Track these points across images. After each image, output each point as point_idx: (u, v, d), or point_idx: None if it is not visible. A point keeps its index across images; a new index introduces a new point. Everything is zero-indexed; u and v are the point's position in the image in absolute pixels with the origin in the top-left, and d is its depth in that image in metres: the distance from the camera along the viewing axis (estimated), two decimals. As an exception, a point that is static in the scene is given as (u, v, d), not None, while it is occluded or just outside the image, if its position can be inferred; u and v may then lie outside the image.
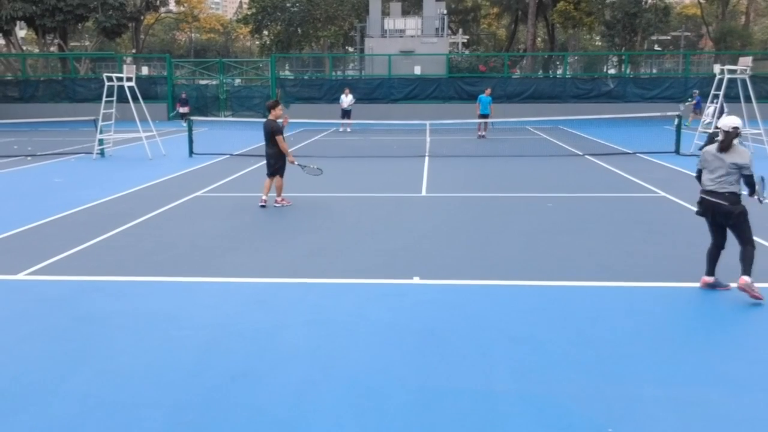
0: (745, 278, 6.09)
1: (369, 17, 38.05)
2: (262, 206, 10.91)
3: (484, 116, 23.79)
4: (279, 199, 11.09)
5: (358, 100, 29.43)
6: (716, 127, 17.01)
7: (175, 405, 4.38)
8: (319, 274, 7.30)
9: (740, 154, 6.17)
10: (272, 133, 10.71)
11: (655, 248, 8.23)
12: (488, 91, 24.38)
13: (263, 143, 11.09)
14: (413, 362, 5.00)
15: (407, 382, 4.67)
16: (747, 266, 6.14)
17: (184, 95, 31.87)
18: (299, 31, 45.84)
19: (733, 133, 6.14)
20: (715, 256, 6.51)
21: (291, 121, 12.49)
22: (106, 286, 6.93)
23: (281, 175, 10.96)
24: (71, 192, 12.66)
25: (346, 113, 26.86)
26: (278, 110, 10.88)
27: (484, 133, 23.92)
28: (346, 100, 27.05)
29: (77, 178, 14.62)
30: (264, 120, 11.03)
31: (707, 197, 6.35)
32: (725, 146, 6.21)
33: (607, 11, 39.40)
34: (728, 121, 6.23)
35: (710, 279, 6.55)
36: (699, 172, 6.55)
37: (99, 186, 13.34)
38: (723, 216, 6.27)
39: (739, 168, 6.15)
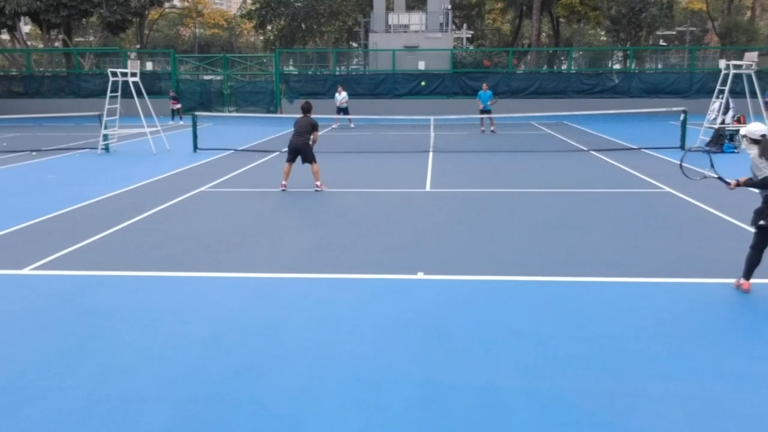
0: None
1: (373, 12, 37.95)
2: (284, 190, 12.07)
3: (487, 112, 23.71)
4: (319, 183, 12.12)
5: (362, 95, 29.37)
6: (722, 123, 16.88)
7: (179, 399, 4.39)
8: (323, 269, 7.31)
9: None
10: (314, 126, 12.14)
11: (659, 244, 8.21)
12: (485, 86, 24.29)
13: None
14: (417, 357, 5.01)
15: (411, 378, 4.68)
16: None
17: (172, 93, 30.70)
18: (303, 26, 45.73)
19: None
20: (758, 261, 6.36)
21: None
22: (111, 281, 6.95)
23: (316, 161, 12.15)
24: (76, 187, 12.69)
25: (341, 110, 26.18)
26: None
27: (493, 128, 23.84)
28: (339, 97, 26.24)
29: (82, 174, 14.64)
30: (300, 116, 12.30)
31: None
32: None
33: (613, 6, 39.18)
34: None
35: (749, 283, 6.42)
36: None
37: (103, 181, 13.37)
38: None
39: None
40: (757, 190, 6.46)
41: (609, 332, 5.47)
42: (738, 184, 6.35)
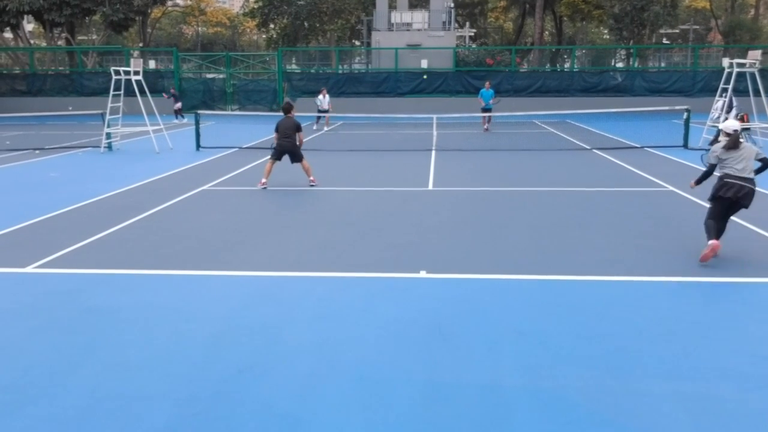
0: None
1: (376, 11, 37.95)
2: (264, 188, 12.17)
3: (488, 111, 23.69)
4: (313, 179, 12.34)
5: (365, 93, 29.36)
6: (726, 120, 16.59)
7: (182, 397, 4.40)
8: (326, 267, 7.31)
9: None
10: (297, 127, 12.22)
11: (662, 243, 8.19)
12: (487, 84, 24.25)
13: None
14: (420, 356, 5.00)
15: (414, 376, 4.67)
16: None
17: (173, 90, 30.34)
18: (306, 24, 45.72)
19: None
20: (717, 226, 7.25)
21: (298, 114, 13.33)
22: (114, 279, 6.96)
23: (304, 158, 12.43)
24: (79, 185, 12.71)
25: (323, 112, 25.52)
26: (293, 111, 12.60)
27: (487, 126, 23.86)
28: (324, 101, 25.37)
29: (84, 172, 14.66)
30: (283, 117, 12.32)
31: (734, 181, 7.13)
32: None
33: (616, 4, 39.11)
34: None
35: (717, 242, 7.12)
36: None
37: (106, 179, 13.38)
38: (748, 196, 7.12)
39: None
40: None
41: (612, 331, 5.46)
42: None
